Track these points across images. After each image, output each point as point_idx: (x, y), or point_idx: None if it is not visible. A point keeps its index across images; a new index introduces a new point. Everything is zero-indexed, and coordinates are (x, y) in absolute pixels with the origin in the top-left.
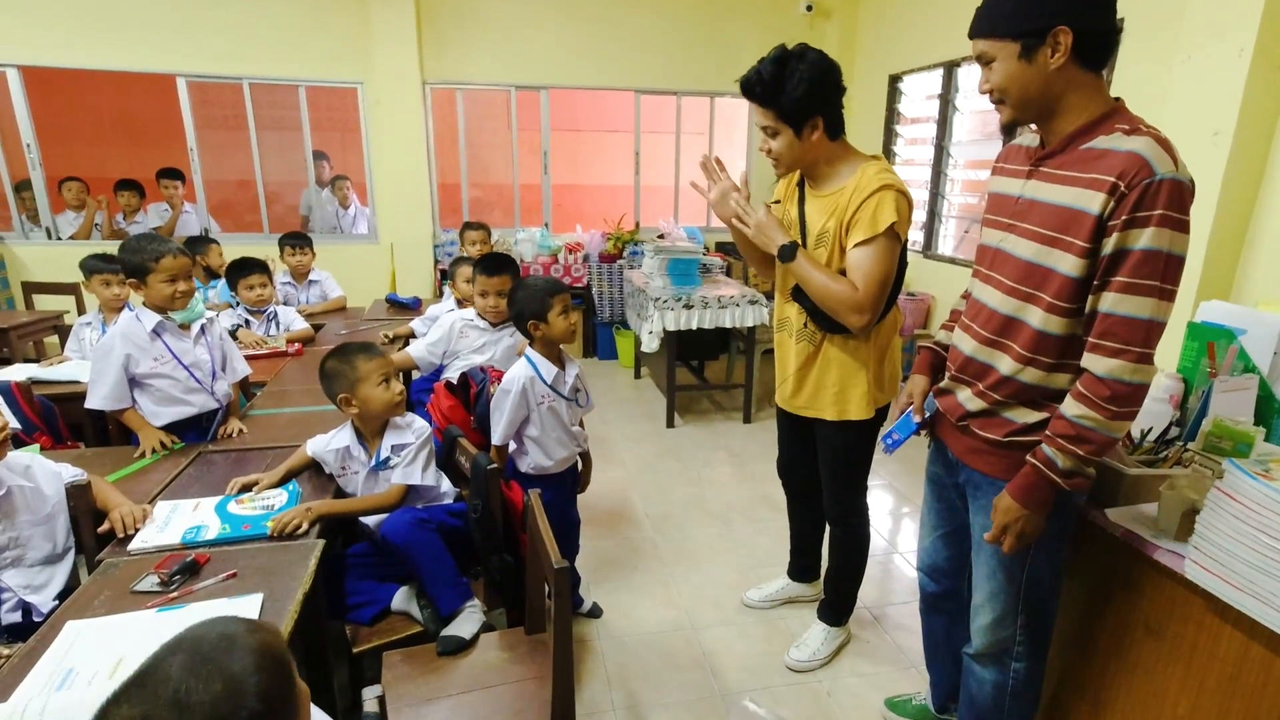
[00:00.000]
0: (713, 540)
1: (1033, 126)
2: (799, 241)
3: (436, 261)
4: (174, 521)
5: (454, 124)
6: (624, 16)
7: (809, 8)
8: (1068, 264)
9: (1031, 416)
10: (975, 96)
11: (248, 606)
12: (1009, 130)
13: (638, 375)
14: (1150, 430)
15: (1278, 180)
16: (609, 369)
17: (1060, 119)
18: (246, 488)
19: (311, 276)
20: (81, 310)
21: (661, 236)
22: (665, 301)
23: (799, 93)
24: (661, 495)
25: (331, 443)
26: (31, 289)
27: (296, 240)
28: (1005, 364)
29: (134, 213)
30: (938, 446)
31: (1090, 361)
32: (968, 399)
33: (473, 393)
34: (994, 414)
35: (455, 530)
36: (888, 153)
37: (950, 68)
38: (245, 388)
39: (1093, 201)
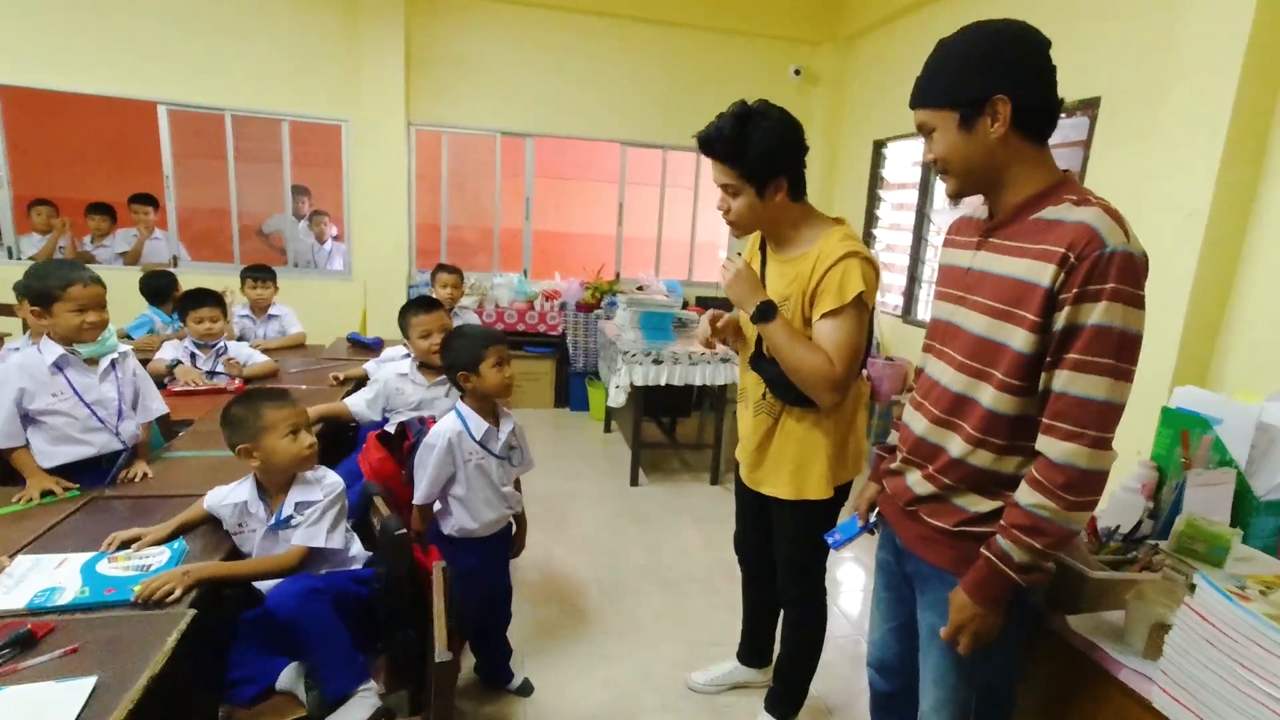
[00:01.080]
0: (664, 612)
1: (981, 197)
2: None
3: None
4: (28, 580)
5: (438, 165)
6: (614, 69)
7: (797, 72)
8: (1019, 339)
9: (984, 505)
10: None
11: (73, 693)
12: (955, 200)
13: (608, 429)
14: (1118, 528)
15: (1255, 264)
16: (580, 421)
17: (1007, 190)
18: (126, 544)
19: (271, 311)
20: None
21: (641, 288)
22: (634, 355)
23: (763, 151)
24: (615, 560)
25: (229, 496)
26: None
27: (258, 274)
28: (956, 445)
29: (103, 236)
30: (886, 533)
31: (1044, 445)
32: (917, 482)
33: (407, 445)
34: (944, 499)
35: (360, 600)
36: (871, 217)
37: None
38: (167, 427)
39: (1043, 274)
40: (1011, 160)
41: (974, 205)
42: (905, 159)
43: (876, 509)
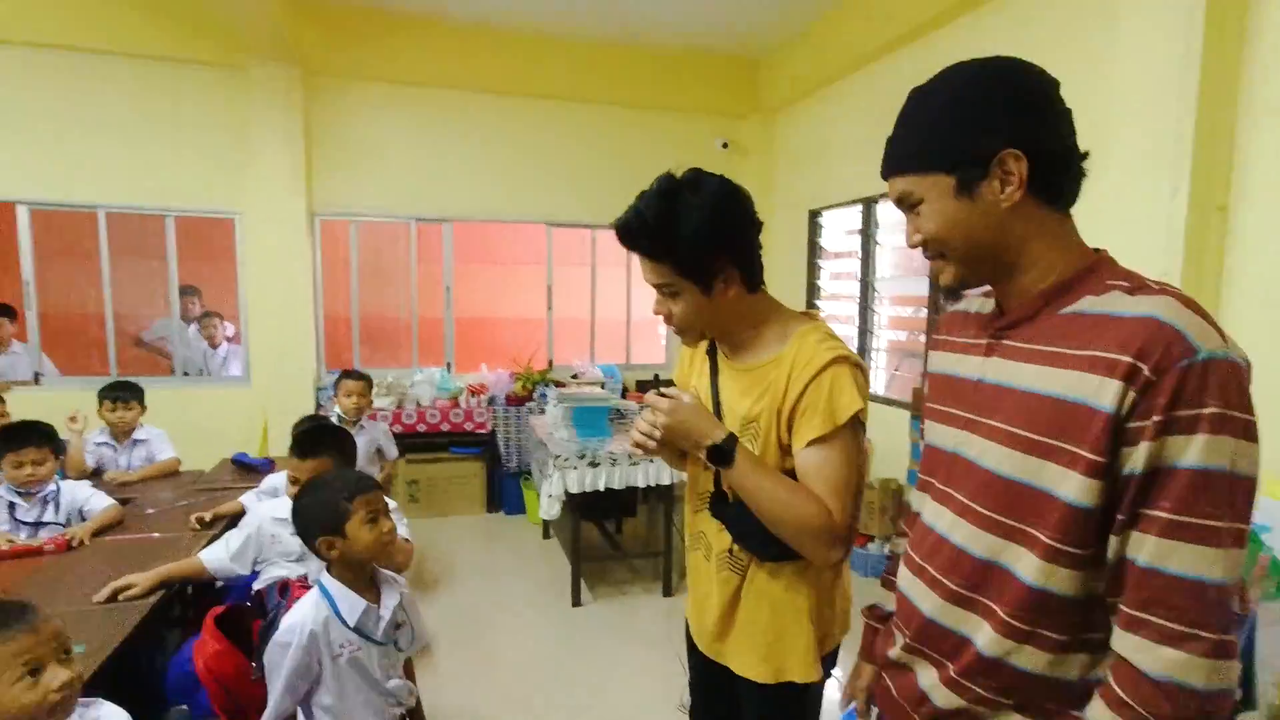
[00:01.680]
0: None
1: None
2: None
3: (319, 406)
4: None
5: (347, 255)
6: (534, 149)
7: (725, 145)
8: (1071, 486)
9: None
10: (895, 231)
11: None
12: (953, 293)
13: (546, 535)
14: None
15: (1234, 328)
16: (516, 526)
17: (1024, 274)
18: None
19: (136, 435)
20: None
21: (575, 376)
22: (567, 459)
23: (700, 236)
24: (554, 709)
25: None
26: None
27: (120, 393)
28: (984, 636)
29: None
30: None
31: (1129, 647)
32: (934, 687)
33: (258, 627)
34: None
35: None
36: (812, 288)
37: (868, 204)
38: None
39: (1100, 392)
40: (1029, 234)
41: (971, 294)
42: (841, 227)
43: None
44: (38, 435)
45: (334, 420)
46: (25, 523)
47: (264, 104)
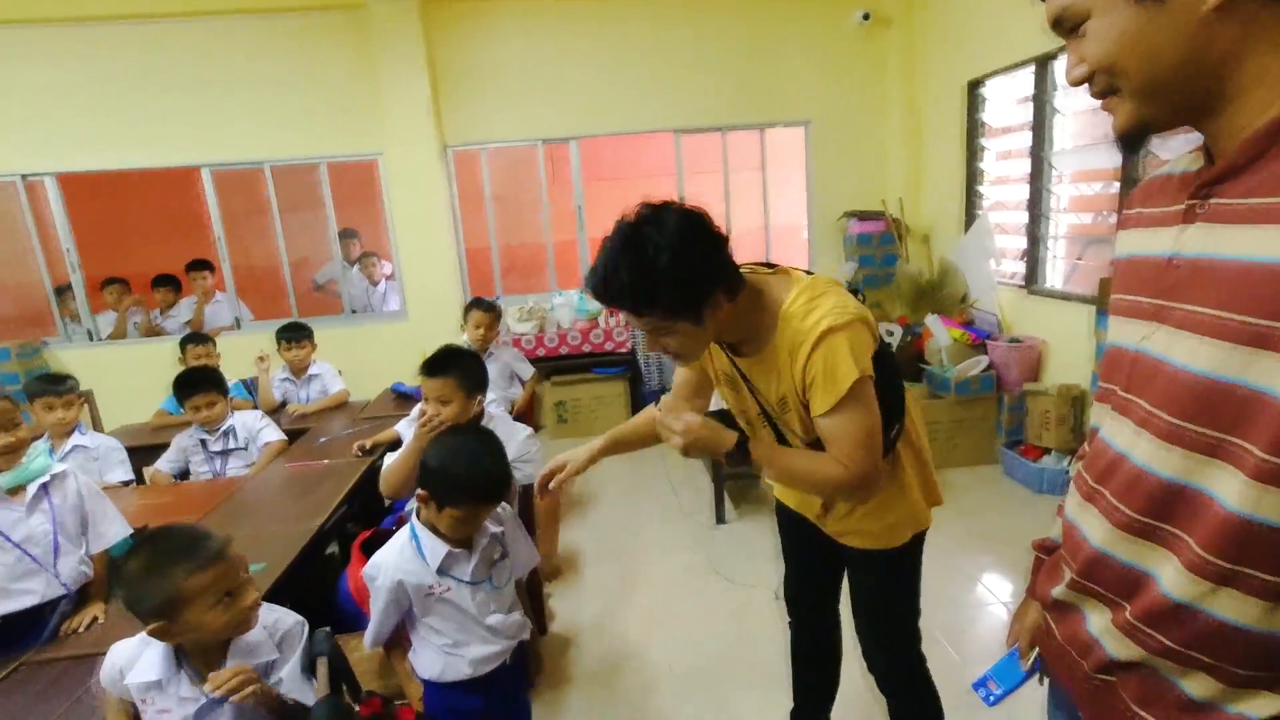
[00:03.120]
0: (762, 710)
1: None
2: (764, 412)
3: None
4: None
5: (481, 187)
6: (655, 53)
7: (865, 17)
8: None
9: (1259, 708)
10: (1080, 93)
11: None
12: (1132, 143)
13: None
14: None
15: None
16: (656, 448)
17: (1237, 106)
18: None
19: (311, 371)
20: (97, 424)
21: None
22: None
23: (680, 276)
24: (694, 633)
25: (134, 672)
26: None
27: (293, 334)
28: (1170, 574)
29: (170, 308)
30: (1056, 696)
31: None
32: (1105, 632)
33: None
34: (1163, 680)
35: None
36: (972, 175)
37: (1043, 63)
38: None
39: None
40: (1243, 45)
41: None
42: (1008, 97)
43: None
44: (205, 381)
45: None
46: (216, 453)
47: (387, 40)
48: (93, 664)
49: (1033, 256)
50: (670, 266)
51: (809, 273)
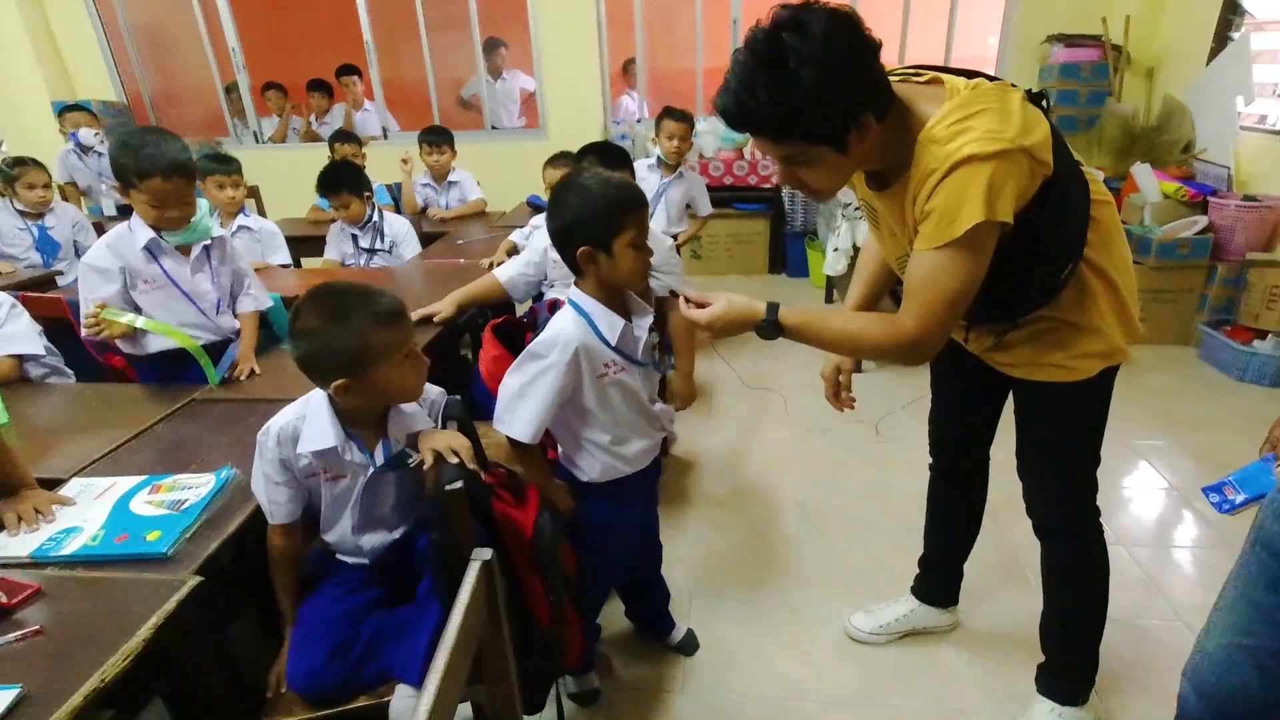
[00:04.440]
0: (890, 554)
1: None
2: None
3: None
4: (67, 514)
5: (632, 5)
6: None
7: None
8: None
9: None
10: None
11: None
12: None
13: (829, 299)
14: None
15: None
16: (799, 289)
17: None
18: None
19: (451, 177)
20: (261, 210)
21: None
22: (858, 210)
23: (826, 94)
24: (827, 473)
25: (307, 440)
26: None
27: (435, 137)
28: None
29: (324, 113)
30: None
31: None
32: None
33: (529, 339)
34: None
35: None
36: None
37: None
38: None
39: None
40: None
41: None
42: None
43: None
44: (343, 180)
45: (654, 163)
46: (365, 249)
47: None
48: (253, 407)
49: None
50: (816, 82)
51: (977, 76)
